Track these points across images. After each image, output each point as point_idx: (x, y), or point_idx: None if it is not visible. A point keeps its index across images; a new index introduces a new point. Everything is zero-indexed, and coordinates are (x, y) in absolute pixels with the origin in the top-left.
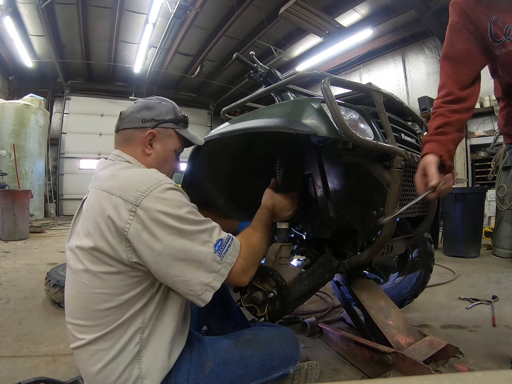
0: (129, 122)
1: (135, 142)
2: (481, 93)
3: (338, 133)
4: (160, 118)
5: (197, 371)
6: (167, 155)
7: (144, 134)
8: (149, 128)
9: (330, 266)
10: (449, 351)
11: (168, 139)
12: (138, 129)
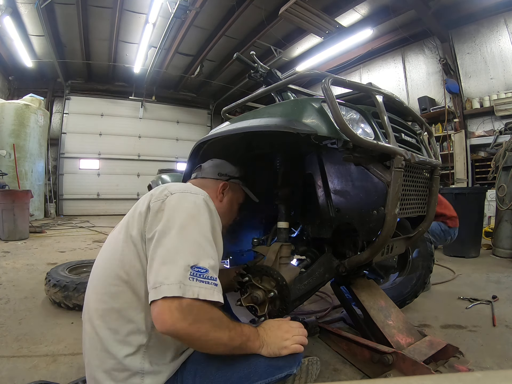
0: (207, 173)
1: (210, 189)
2: (481, 93)
3: (338, 132)
4: (231, 175)
5: (203, 371)
6: (233, 204)
7: (219, 184)
8: (223, 180)
9: (330, 266)
10: (449, 351)
11: (236, 192)
12: (214, 179)
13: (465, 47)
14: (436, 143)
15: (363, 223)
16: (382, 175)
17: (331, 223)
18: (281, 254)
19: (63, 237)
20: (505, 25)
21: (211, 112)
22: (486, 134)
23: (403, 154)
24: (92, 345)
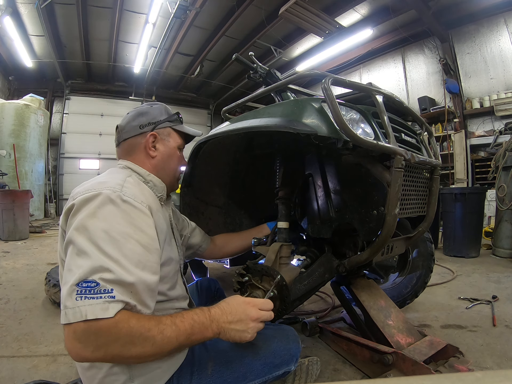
0: (127, 132)
1: (138, 149)
2: (481, 93)
3: (338, 132)
4: (156, 120)
5: (199, 372)
6: (171, 153)
7: (145, 139)
8: (149, 131)
9: (330, 266)
10: (449, 351)
11: (168, 138)
12: (138, 135)
13: (465, 47)
14: (436, 143)
15: (363, 223)
16: (382, 175)
17: (331, 223)
18: (281, 254)
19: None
20: (505, 25)
21: (211, 112)
22: (486, 134)
23: (403, 154)
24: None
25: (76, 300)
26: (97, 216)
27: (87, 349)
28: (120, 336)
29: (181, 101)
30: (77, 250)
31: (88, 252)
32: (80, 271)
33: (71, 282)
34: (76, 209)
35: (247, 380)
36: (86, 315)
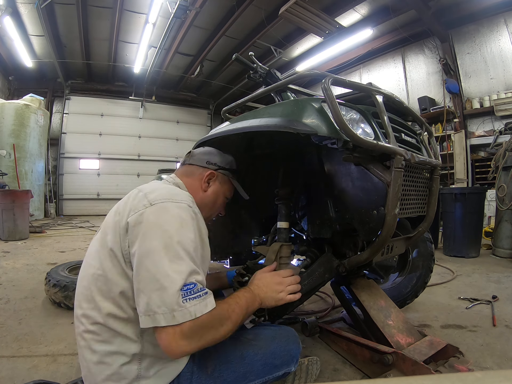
0: (196, 160)
1: (195, 177)
2: (481, 93)
3: (338, 132)
4: (221, 165)
5: (200, 371)
6: (218, 196)
7: (205, 172)
8: (211, 169)
9: (330, 266)
10: (449, 351)
11: (223, 184)
12: (202, 167)
13: (465, 47)
14: (436, 143)
15: (363, 223)
16: (382, 175)
17: (331, 223)
18: (281, 254)
19: (63, 237)
20: (505, 25)
21: (211, 112)
22: (486, 134)
23: (403, 154)
24: (87, 358)
25: (183, 303)
26: (183, 226)
27: (191, 343)
28: (214, 323)
29: (181, 101)
30: (172, 254)
31: (184, 257)
32: (181, 276)
33: (174, 287)
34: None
35: (247, 381)
36: (195, 314)
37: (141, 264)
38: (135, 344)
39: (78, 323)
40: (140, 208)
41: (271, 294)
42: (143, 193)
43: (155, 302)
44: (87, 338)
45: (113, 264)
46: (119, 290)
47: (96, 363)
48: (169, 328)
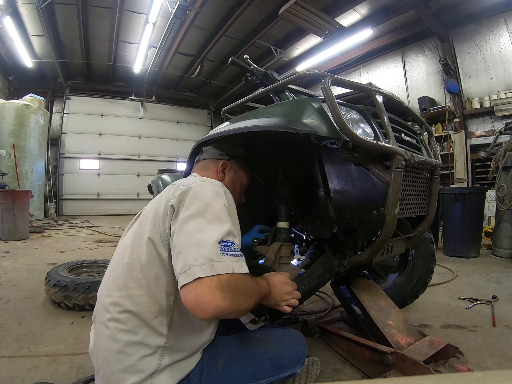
0: (208, 154)
1: (211, 169)
2: (481, 93)
3: (338, 132)
4: (233, 154)
5: (209, 367)
6: (236, 185)
7: (219, 163)
8: (224, 159)
9: (330, 266)
10: (449, 351)
11: (238, 172)
12: (215, 160)
13: (465, 47)
14: (436, 143)
15: (363, 223)
16: (382, 175)
17: (331, 223)
18: (281, 254)
19: (63, 237)
20: (505, 25)
21: (211, 112)
22: (486, 134)
23: (403, 154)
24: (107, 347)
25: (220, 256)
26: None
27: (226, 298)
28: (246, 288)
29: (181, 101)
30: (211, 218)
31: (223, 219)
32: (219, 232)
33: (212, 240)
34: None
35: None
36: (233, 269)
37: (180, 230)
38: (160, 337)
39: (103, 311)
40: (180, 192)
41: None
42: (178, 183)
43: (192, 256)
44: (111, 327)
45: (148, 251)
46: (153, 277)
47: (116, 352)
48: (205, 279)
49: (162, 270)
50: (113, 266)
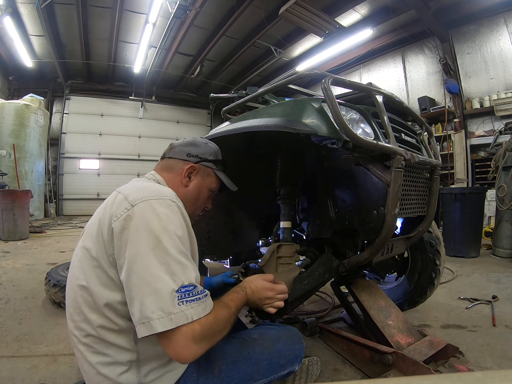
0: (175, 153)
1: (175, 172)
2: (481, 93)
3: (338, 132)
4: (203, 157)
5: (206, 372)
6: (201, 191)
7: (185, 166)
8: (192, 162)
9: (330, 266)
10: (449, 351)
11: (206, 177)
12: (182, 161)
13: (465, 47)
14: (436, 143)
15: (363, 223)
16: (382, 175)
17: (331, 223)
18: (280, 254)
19: (63, 237)
20: (505, 25)
21: (211, 112)
22: (486, 134)
23: (403, 154)
24: (85, 370)
25: (179, 306)
26: (169, 223)
27: (202, 346)
28: (220, 325)
29: (181, 101)
30: (162, 256)
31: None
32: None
33: (167, 290)
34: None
35: (253, 380)
36: (192, 317)
37: (131, 270)
38: (130, 353)
39: (72, 336)
40: (122, 212)
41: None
42: (122, 195)
43: (148, 308)
44: (82, 350)
45: (97, 275)
46: (103, 302)
47: (95, 374)
48: (177, 335)
49: (114, 296)
50: (68, 288)
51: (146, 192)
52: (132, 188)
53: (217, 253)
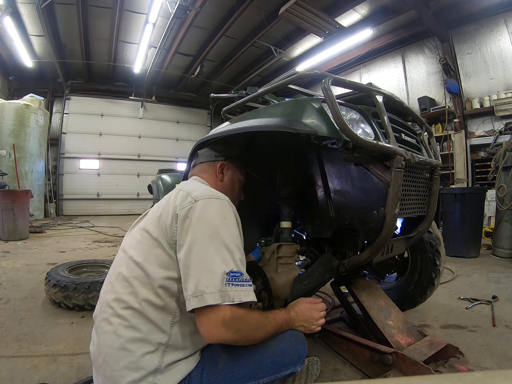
0: (205, 157)
1: (210, 172)
2: (481, 93)
3: (338, 132)
4: (228, 154)
5: (210, 366)
6: (235, 182)
7: (217, 165)
8: (221, 160)
9: (330, 266)
10: (449, 351)
11: (235, 169)
12: (212, 162)
13: (465, 47)
14: (436, 143)
15: (363, 223)
16: (382, 175)
17: (331, 223)
18: (280, 254)
19: (63, 237)
20: (505, 25)
21: (211, 112)
22: (486, 134)
23: (403, 154)
24: (109, 343)
25: (226, 286)
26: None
27: (229, 332)
28: (251, 323)
29: (181, 101)
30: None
31: (231, 248)
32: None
33: (221, 271)
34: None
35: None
36: (240, 298)
37: (190, 251)
38: (163, 334)
39: (106, 308)
40: (187, 204)
41: (304, 323)
42: (185, 191)
43: (203, 283)
44: (114, 323)
45: (155, 254)
46: (158, 279)
47: (118, 349)
48: (212, 313)
49: (168, 275)
50: (117, 264)
51: (206, 192)
52: (193, 187)
53: None
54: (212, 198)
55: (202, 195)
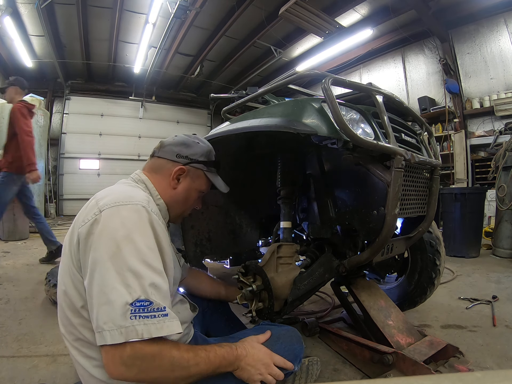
0: (165, 153)
1: (163, 173)
2: (481, 93)
3: (338, 132)
4: (193, 158)
5: None
6: (190, 193)
7: (174, 168)
8: (181, 164)
9: (330, 266)
10: (449, 351)
11: (196, 179)
12: (171, 161)
13: (465, 47)
14: (436, 143)
15: (363, 223)
16: (382, 175)
17: (331, 223)
18: (280, 254)
19: (63, 237)
20: (505, 25)
21: (211, 112)
22: (486, 134)
23: (403, 154)
24: (80, 372)
25: (131, 320)
26: (134, 231)
27: (131, 371)
28: (162, 364)
29: (181, 101)
30: (120, 266)
31: (137, 269)
32: (130, 290)
33: (121, 302)
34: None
35: None
36: (142, 335)
37: (91, 277)
38: None
39: (65, 340)
40: (91, 217)
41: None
42: (95, 199)
43: (102, 318)
44: (74, 354)
45: (71, 279)
46: (79, 305)
47: (89, 376)
48: (111, 348)
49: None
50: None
51: (117, 197)
52: (107, 193)
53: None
54: (120, 206)
55: (109, 203)
